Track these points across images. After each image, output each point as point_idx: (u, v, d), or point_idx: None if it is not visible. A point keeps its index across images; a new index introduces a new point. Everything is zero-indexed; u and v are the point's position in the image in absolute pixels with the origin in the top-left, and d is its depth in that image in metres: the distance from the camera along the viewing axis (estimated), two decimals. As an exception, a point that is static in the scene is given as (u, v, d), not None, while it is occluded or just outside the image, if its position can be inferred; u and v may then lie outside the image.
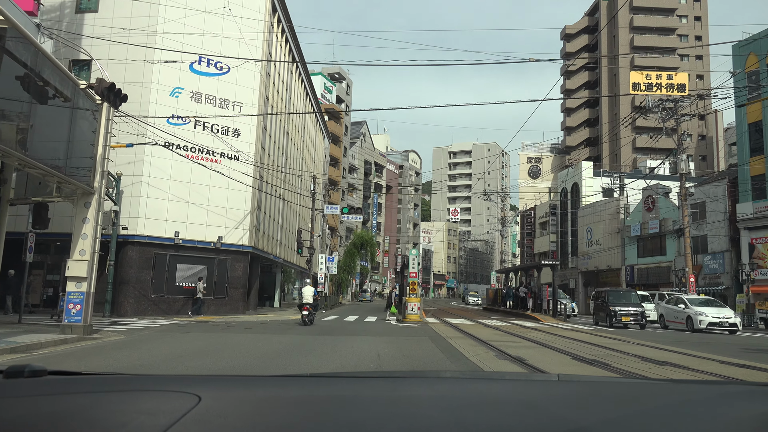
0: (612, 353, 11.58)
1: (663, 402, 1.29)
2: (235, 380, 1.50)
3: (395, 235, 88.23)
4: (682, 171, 32.03)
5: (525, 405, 1.24)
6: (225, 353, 10.52)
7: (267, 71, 27.88)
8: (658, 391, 1.48)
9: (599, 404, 1.29)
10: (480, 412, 1.16)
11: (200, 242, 24.40)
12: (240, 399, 1.23)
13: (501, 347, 11.99)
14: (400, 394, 1.34)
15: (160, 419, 1.02)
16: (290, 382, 1.49)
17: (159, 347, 11.64)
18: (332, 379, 1.57)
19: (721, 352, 12.57)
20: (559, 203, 55.47)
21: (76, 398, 1.19)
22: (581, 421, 1.09)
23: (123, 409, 1.14)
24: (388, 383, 1.54)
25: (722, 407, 1.24)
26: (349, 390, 1.39)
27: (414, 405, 1.21)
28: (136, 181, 23.31)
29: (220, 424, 1.04)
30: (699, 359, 10.94)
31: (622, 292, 24.65)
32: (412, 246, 29.99)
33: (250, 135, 25.99)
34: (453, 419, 1.09)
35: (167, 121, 23.83)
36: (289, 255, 35.46)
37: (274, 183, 30.21)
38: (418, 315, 22.06)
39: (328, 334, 15.09)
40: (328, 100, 64.03)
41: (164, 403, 1.17)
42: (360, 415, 1.12)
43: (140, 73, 23.81)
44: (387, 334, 15.56)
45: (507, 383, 1.72)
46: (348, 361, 9.44)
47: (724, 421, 1.14)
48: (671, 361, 10.28)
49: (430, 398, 1.31)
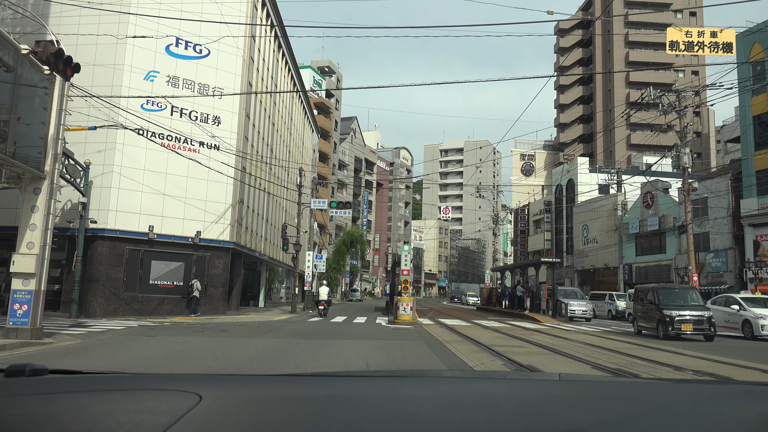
0: (636, 361, 10.12)
1: (663, 401, 1.28)
2: (235, 379, 1.48)
3: (386, 233, 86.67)
4: (685, 165, 30.78)
5: (526, 404, 1.22)
6: (182, 363, 8.95)
7: (250, 56, 26.21)
8: (658, 390, 1.46)
9: (600, 404, 1.28)
10: (481, 412, 1.14)
11: (177, 237, 22.71)
12: (240, 398, 1.22)
13: (507, 354, 10.48)
14: (400, 394, 1.32)
15: (161, 418, 1.02)
16: (291, 381, 1.47)
17: (110, 354, 10.04)
18: (333, 378, 1.54)
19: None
20: (553, 200, 54.15)
21: (77, 397, 1.19)
22: (582, 421, 1.09)
23: (124, 407, 1.14)
24: (389, 382, 1.52)
25: (722, 407, 1.22)
26: (350, 389, 1.37)
27: (414, 404, 1.20)
28: (107, 170, 21.58)
29: (220, 423, 1.04)
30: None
31: (678, 290, 18.12)
32: (404, 243, 28.41)
33: (231, 123, 24.32)
34: (454, 419, 1.08)
35: (141, 107, 22.14)
36: (275, 252, 33.79)
37: (258, 176, 28.53)
38: (411, 316, 20.52)
39: (311, 338, 13.52)
40: (318, 95, 62.32)
41: (165, 401, 1.17)
42: (360, 415, 1.12)
43: (112, 54, 22.11)
44: (377, 338, 14.01)
45: (508, 382, 1.69)
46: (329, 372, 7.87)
47: (724, 420, 1.13)
48: (707, 370, 8.81)
49: (430, 398, 1.29)
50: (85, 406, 1.14)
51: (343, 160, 71.92)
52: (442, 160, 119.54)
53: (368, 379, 1.59)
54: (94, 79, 21.02)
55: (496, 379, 1.79)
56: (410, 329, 17.48)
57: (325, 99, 63.70)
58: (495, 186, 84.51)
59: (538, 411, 1.17)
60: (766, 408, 1.25)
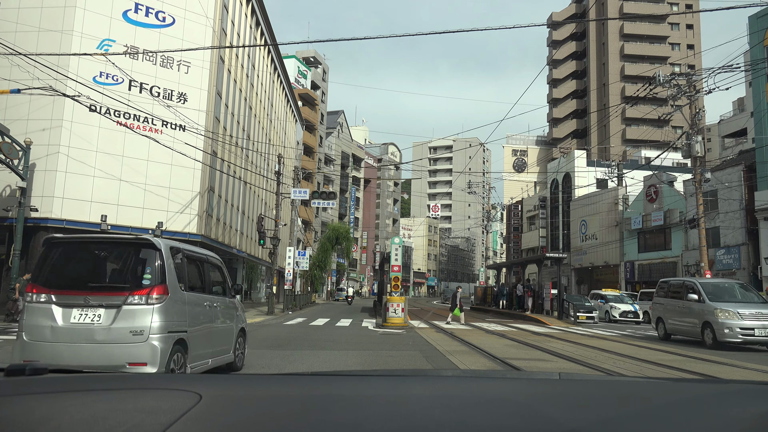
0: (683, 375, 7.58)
1: (663, 401, 1.27)
2: (235, 379, 1.48)
3: (374, 231, 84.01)
4: (697, 153, 28.51)
5: (526, 404, 1.21)
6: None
7: (222, 27, 23.44)
8: (658, 390, 1.46)
9: (600, 403, 1.27)
10: (481, 411, 1.13)
11: (135, 229, 19.86)
12: (240, 398, 1.21)
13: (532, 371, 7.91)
14: (400, 393, 1.30)
15: (161, 417, 1.02)
16: (291, 380, 1.45)
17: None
18: (333, 378, 1.49)
19: None
20: (549, 195, 51.83)
21: (77, 396, 1.19)
22: (582, 420, 1.08)
23: (124, 407, 1.13)
24: (389, 382, 1.49)
25: (722, 407, 1.22)
26: (350, 389, 1.36)
27: (415, 404, 1.19)
28: (52, 151, 18.77)
29: (220, 423, 1.04)
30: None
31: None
32: (394, 237, 25.90)
33: (200, 101, 21.58)
34: (454, 418, 1.08)
35: (94, 79, 19.37)
36: (254, 248, 31.06)
37: (233, 162, 25.77)
38: (403, 318, 17.89)
39: (281, 347, 10.87)
40: (303, 86, 59.53)
41: (165, 401, 1.16)
42: (360, 414, 1.11)
43: (59, 19, 19.28)
44: (362, 347, 11.40)
45: (508, 382, 1.65)
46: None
47: (724, 420, 1.12)
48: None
49: (431, 397, 1.27)
50: (86, 405, 1.13)
51: (330, 155, 69.17)
52: (431, 158, 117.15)
53: (368, 379, 1.56)
54: (38, 46, 18.24)
55: (496, 378, 1.76)
56: (402, 334, 14.89)
57: (310, 90, 60.92)
58: (484, 184, 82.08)
59: (539, 410, 1.15)
60: (765, 408, 1.23)
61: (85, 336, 5.56)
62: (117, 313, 5.59)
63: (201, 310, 6.63)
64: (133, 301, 5.64)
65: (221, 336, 7.24)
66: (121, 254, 6.22)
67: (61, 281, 5.92)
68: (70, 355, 5.54)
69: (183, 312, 6.08)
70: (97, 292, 5.77)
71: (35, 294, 5.80)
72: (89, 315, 5.61)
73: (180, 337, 5.90)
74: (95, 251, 6.34)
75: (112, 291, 5.83)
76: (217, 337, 7.08)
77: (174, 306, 5.89)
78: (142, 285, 5.73)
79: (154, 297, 5.68)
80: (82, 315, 5.63)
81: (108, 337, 5.53)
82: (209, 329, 6.85)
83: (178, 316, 5.95)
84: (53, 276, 5.96)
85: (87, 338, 5.55)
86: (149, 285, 5.72)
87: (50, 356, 5.51)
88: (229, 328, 7.55)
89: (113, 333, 5.53)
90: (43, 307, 5.72)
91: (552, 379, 1.59)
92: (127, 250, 6.14)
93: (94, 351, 5.56)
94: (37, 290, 5.80)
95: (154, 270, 5.80)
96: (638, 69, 64.81)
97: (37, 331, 5.68)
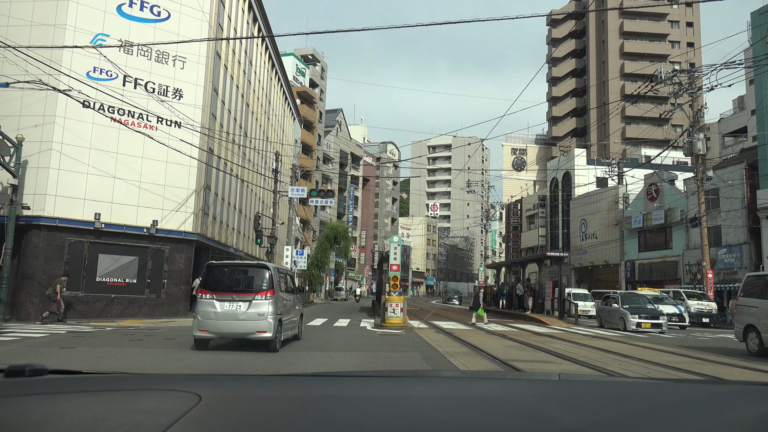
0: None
1: (663, 401, 1.26)
2: (235, 379, 1.47)
3: (372, 230, 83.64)
4: (699, 151, 28.24)
5: (526, 404, 1.21)
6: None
7: (218, 22, 23.08)
8: (658, 390, 1.44)
9: (600, 403, 1.26)
10: (481, 412, 1.13)
11: (129, 227, 19.58)
12: (240, 398, 1.21)
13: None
14: (400, 394, 1.30)
15: (161, 418, 1.02)
16: (291, 381, 1.44)
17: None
18: (332, 379, 1.49)
19: None
20: (548, 194, 51.50)
21: (77, 397, 1.18)
22: (582, 421, 1.08)
23: (124, 408, 1.13)
24: (389, 382, 1.48)
25: (722, 407, 1.21)
26: (350, 389, 1.36)
27: (415, 404, 1.19)
28: (45, 148, 18.40)
29: (220, 424, 1.04)
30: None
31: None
32: (393, 235, 25.60)
33: (195, 97, 21.21)
34: (454, 419, 1.08)
35: (87, 75, 19.00)
36: (251, 247, 30.71)
37: (230, 159, 25.41)
38: (402, 318, 17.56)
39: (273, 349, 10.53)
40: (301, 83, 59.09)
41: (165, 402, 1.16)
42: (360, 415, 1.11)
43: (52, 12, 18.91)
44: (360, 348, 11.08)
45: (508, 382, 1.64)
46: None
47: (724, 420, 1.12)
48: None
49: (430, 398, 1.27)
50: (85, 406, 1.13)
51: (328, 154, 68.77)
52: (429, 157, 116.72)
53: (368, 379, 1.55)
54: (31, 41, 17.86)
55: (496, 379, 1.74)
56: (401, 335, 14.57)
57: (308, 88, 60.49)
58: (483, 183, 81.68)
59: (538, 411, 1.15)
60: (765, 408, 1.23)
61: (233, 316, 9.70)
62: (249, 305, 9.71)
63: (286, 302, 10.86)
64: (258, 298, 9.77)
65: (294, 318, 11.58)
66: (249, 272, 10.70)
67: (218, 287, 9.99)
68: (224, 327, 9.77)
69: (280, 304, 10.16)
70: (238, 293, 9.92)
71: (205, 294, 9.88)
72: (234, 306, 9.76)
73: (280, 318, 10.01)
74: (235, 269, 10.90)
75: (246, 292, 9.94)
76: (292, 318, 11.37)
77: (277, 300, 9.94)
78: (261, 288, 9.93)
79: (268, 295, 9.81)
80: (230, 305, 9.76)
81: (246, 317, 9.66)
82: (290, 313, 11.09)
83: (279, 306, 10.00)
84: (213, 284, 10.01)
85: (233, 318, 9.70)
86: (266, 289, 9.91)
87: (214, 328, 9.71)
88: (297, 313, 12.02)
89: (248, 315, 9.65)
90: (208, 301, 9.78)
91: (552, 380, 1.58)
92: (253, 269, 10.81)
93: (238, 325, 9.75)
94: (204, 292, 9.93)
95: (268, 280, 10.01)
96: (638, 67, 64.56)
97: (205, 314, 9.72)
